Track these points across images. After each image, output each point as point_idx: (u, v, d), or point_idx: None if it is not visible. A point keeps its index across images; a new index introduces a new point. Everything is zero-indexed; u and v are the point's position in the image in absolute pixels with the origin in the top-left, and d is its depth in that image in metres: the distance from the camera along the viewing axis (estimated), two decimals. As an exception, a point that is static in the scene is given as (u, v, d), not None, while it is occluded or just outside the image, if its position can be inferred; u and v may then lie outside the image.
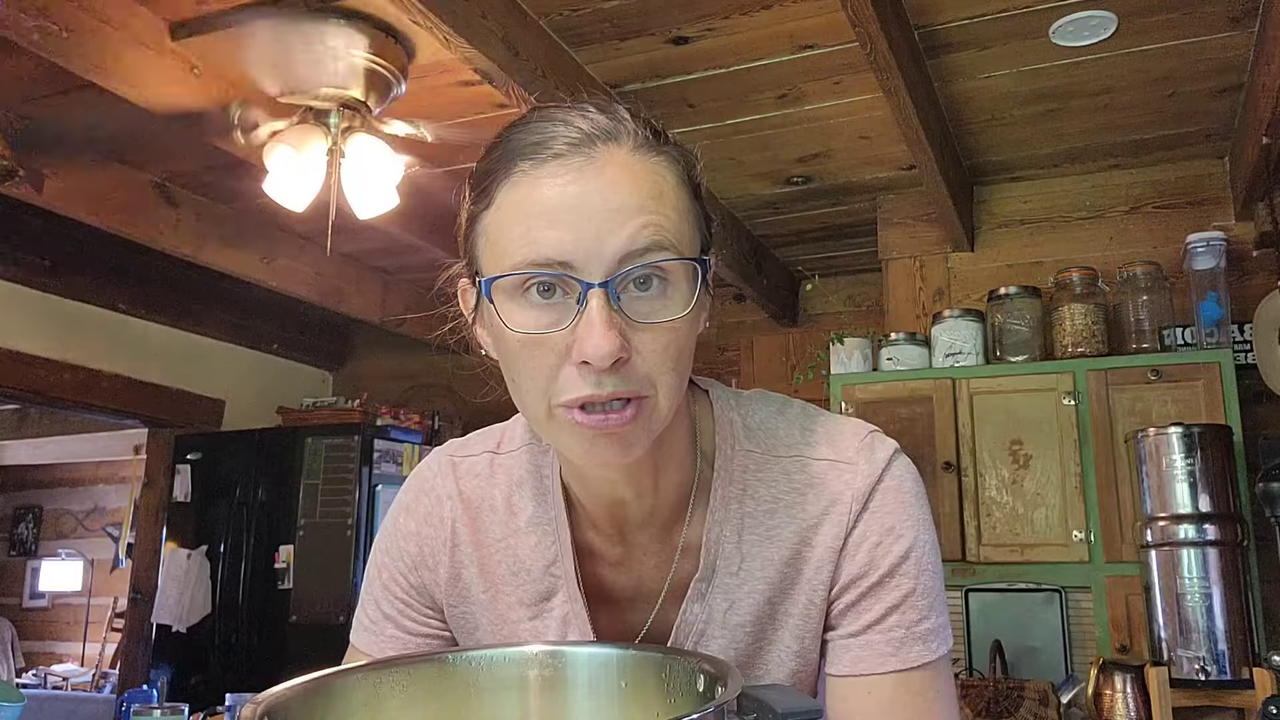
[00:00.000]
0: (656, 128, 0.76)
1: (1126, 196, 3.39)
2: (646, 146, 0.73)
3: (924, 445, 3.08)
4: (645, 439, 0.73)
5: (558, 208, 0.69)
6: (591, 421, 0.70)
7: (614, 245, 0.69)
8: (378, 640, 0.89)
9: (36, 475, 8.36)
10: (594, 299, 0.68)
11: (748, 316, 4.50)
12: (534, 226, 0.70)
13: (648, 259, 0.69)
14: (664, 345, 0.71)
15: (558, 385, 0.71)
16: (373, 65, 2.60)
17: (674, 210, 0.72)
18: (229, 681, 3.85)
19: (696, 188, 0.77)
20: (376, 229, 3.28)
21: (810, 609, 0.82)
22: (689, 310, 0.71)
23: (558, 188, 0.70)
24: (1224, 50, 2.63)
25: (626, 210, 0.70)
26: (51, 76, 2.74)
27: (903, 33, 2.40)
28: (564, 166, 0.70)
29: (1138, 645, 2.75)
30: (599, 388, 0.69)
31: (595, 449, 0.72)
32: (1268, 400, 3.03)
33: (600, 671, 0.76)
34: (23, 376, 3.97)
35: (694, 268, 0.72)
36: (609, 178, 0.70)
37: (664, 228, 0.70)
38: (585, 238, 0.69)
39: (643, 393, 0.71)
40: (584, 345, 0.68)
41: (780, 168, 3.38)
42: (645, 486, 0.81)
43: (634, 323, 0.70)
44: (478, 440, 0.92)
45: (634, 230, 0.69)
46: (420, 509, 0.90)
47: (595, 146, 0.71)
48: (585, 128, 0.72)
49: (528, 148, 0.72)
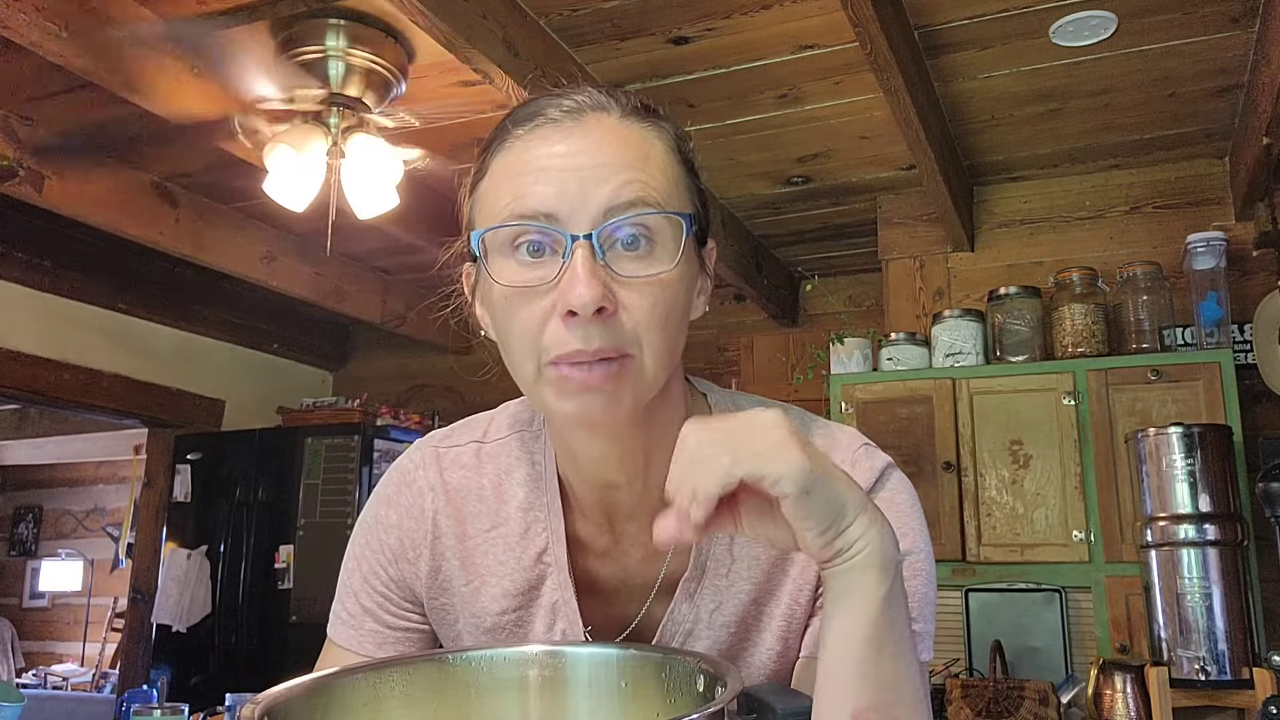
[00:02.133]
0: (649, 105, 0.78)
1: (1126, 196, 3.39)
2: (636, 115, 0.76)
3: (924, 445, 3.08)
4: (631, 398, 0.73)
5: (546, 165, 0.72)
6: (577, 375, 0.71)
7: (598, 198, 0.71)
8: (357, 635, 0.88)
9: (36, 475, 8.36)
10: (579, 250, 0.70)
11: (748, 316, 4.49)
12: (522, 184, 0.72)
13: (632, 213, 0.71)
14: (650, 303, 0.71)
15: (545, 342, 0.71)
16: (372, 65, 2.60)
17: (661, 173, 0.74)
18: (229, 681, 3.85)
19: (689, 162, 0.79)
20: (376, 229, 3.28)
21: (795, 608, 0.82)
22: (674, 266, 0.72)
23: (546, 147, 0.73)
24: (1224, 50, 2.63)
25: (612, 166, 0.72)
26: (52, 76, 2.74)
27: (903, 33, 2.40)
28: (555, 130, 0.74)
29: (1138, 645, 2.75)
30: (585, 342, 0.70)
31: (582, 404, 0.72)
32: (1268, 400, 3.04)
33: (600, 671, 0.76)
34: (23, 376, 3.97)
35: (680, 226, 0.73)
36: (595, 138, 0.73)
37: (649, 185, 0.72)
38: (570, 191, 0.71)
39: (628, 350, 0.71)
40: (568, 294, 0.69)
41: (780, 168, 3.38)
42: (636, 470, 0.81)
43: (619, 277, 0.71)
44: (462, 430, 0.92)
45: (618, 185, 0.71)
46: (401, 501, 0.89)
47: (585, 114, 0.75)
48: (578, 99, 0.75)
49: (521, 118, 0.76)
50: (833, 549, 0.66)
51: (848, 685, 0.67)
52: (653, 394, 0.75)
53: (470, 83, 2.66)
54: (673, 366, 0.77)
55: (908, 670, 0.69)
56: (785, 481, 0.63)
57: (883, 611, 0.68)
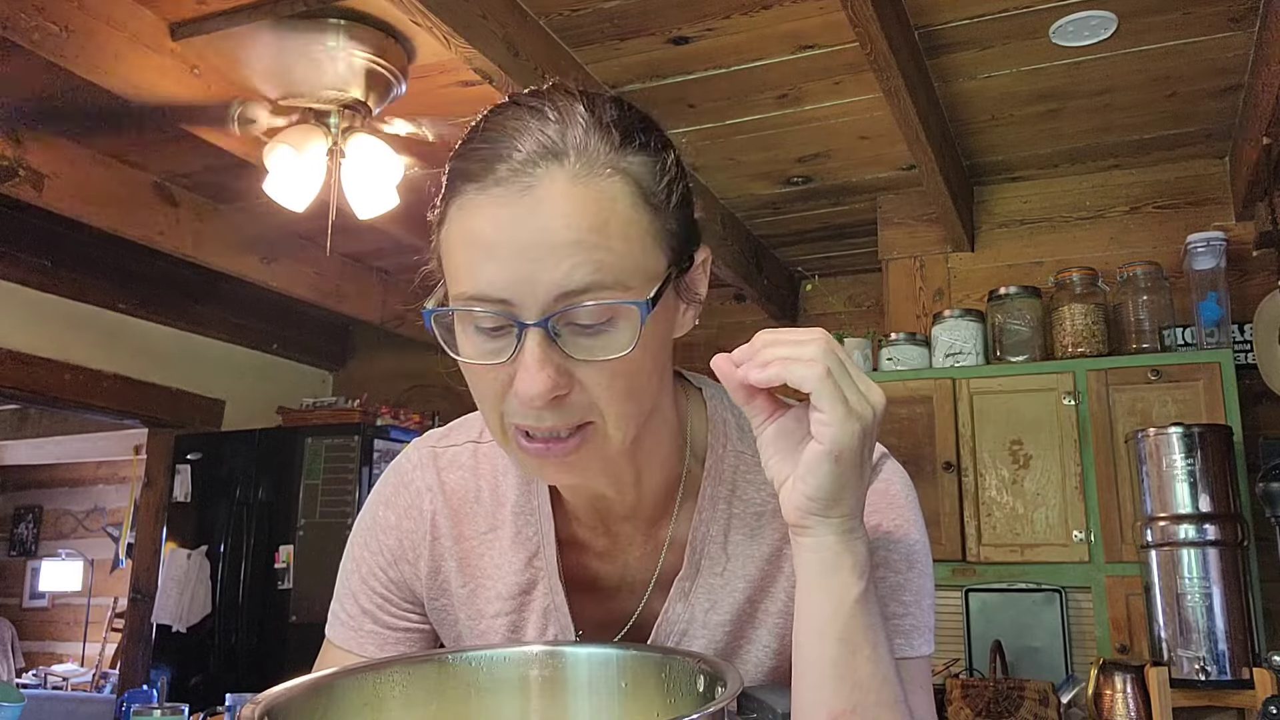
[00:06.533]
0: (626, 126, 0.71)
1: (1126, 196, 3.39)
2: (595, 166, 0.68)
3: (924, 445, 3.08)
4: (597, 464, 0.73)
5: (495, 241, 0.67)
6: (534, 448, 0.71)
7: (549, 284, 0.66)
8: (356, 636, 0.88)
9: (36, 475, 8.36)
10: (529, 339, 0.67)
11: (748, 316, 4.49)
12: (474, 258, 0.68)
13: (586, 299, 0.66)
14: (608, 380, 0.69)
15: (507, 408, 0.71)
16: (373, 65, 2.60)
17: (620, 240, 0.68)
18: (229, 681, 3.86)
19: (662, 198, 0.71)
20: (376, 229, 3.29)
21: (791, 606, 0.81)
22: (632, 348, 0.68)
23: (495, 219, 0.67)
24: (1224, 50, 2.63)
25: (563, 247, 0.66)
26: (52, 76, 2.74)
27: (903, 33, 2.40)
28: (505, 194, 0.67)
29: (1138, 645, 2.75)
30: (538, 421, 0.69)
31: (545, 473, 0.74)
32: (1268, 400, 3.03)
33: (600, 671, 0.76)
34: (23, 376, 3.97)
35: (638, 314, 0.68)
36: (547, 209, 0.66)
37: (604, 263, 0.67)
38: (520, 276, 0.66)
39: (588, 419, 0.70)
40: (518, 384, 0.68)
41: (780, 168, 3.38)
42: (626, 484, 0.80)
43: (574, 360, 0.68)
44: (459, 430, 0.91)
45: (569, 268, 0.66)
46: (400, 502, 0.89)
47: (536, 170, 0.67)
48: (530, 147, 0.68)
49: (475, 167, 0.69)
50: (809, 517, 0.68)
51: (822, 687, 0.68)
52: (625, 449, 0.74)
53: (470, 83, 2.66)
54: (647, 415, 0.75)
55: (885, 673, 0.68)
56: (837, 428, 0.66)
57: (857, 612, 0.68)
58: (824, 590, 0.69)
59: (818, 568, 0.69)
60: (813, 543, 0.69)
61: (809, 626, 0.69)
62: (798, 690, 0.69)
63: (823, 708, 0.67)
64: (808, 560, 0.69)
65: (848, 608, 0.68)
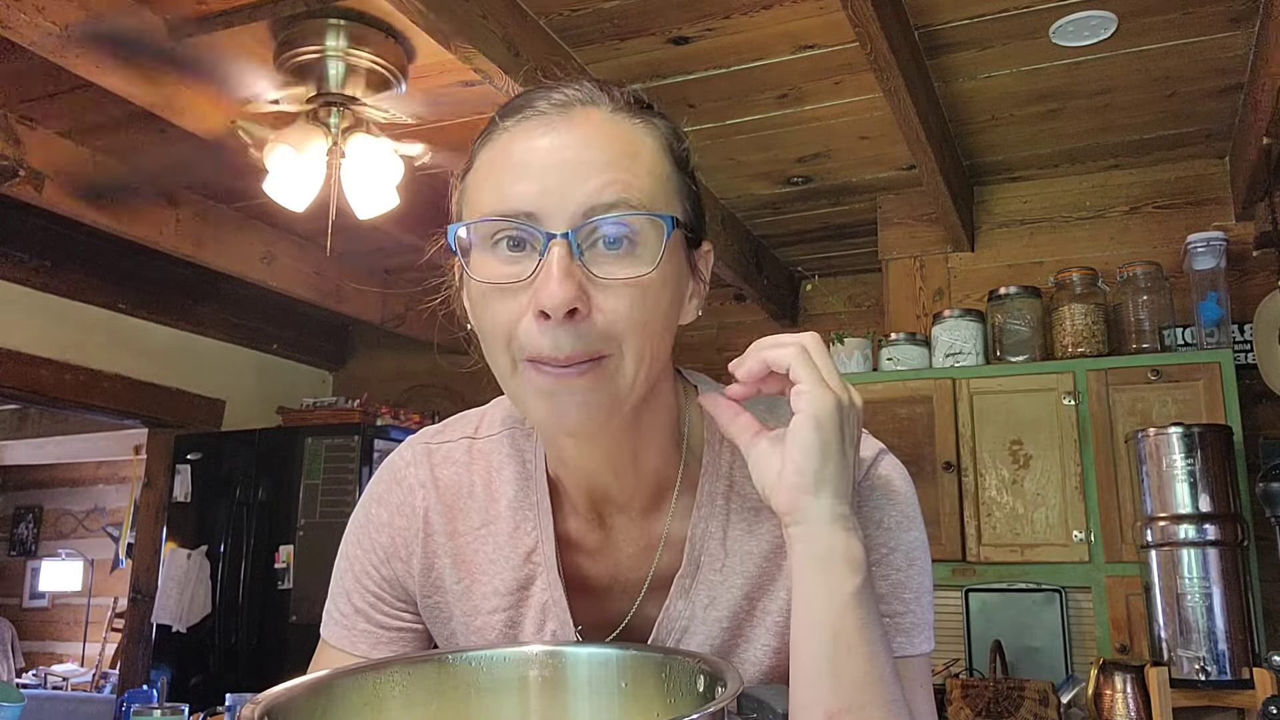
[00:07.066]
0: (644, 100, 0.76)
1: (1126, 196, 3.39)
2: (628, 110, 0.74)
3: (924, 445, 3.08)
4: (609, 403, 0.71)
5: (528, 161, 0.71)
6: (546, 377, 0.70)
7: (579, 197, 0.69)
8: (349, 635, 0.88)
9: (36, 475, 8.36)
10: (555, 248, 0.68)
11: (748, 316, 4.49)
12: (504, 180, 0.71)
13: (612, 214, 0.69)
14: (628, 305, 0.69)
15: (519, 339, 0.70)
16: (373, 65, 2.60)
17: (648, 173, 0.72)
18: (229, 681, 3.86)
19: (682, 162, 0.76)
20: (376, 229, 3.28)
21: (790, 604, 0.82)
22: (655, 268, 0.70)
23: (530, 141, 0.71)
24: (1224, 50, 2.63)
25: (596, 164, 0.70)
26: (51, 77, 2.74)
27: (903, 33, 2.40)
28: (541, 123, 0.72)
29: (1138, 645, 2.75)
30: (556, 348, 0.68)
31: (556, 407, 0.71)
32: (1268, 400, 3.03)
33: (600, 671, 0.76)
34: (23, 376, 3.97)
35: (662, 228, 0.70)
36: (582, 133, 0.71)
37: (633, 185, 0.70)
38: (551, 189, 0.69)
39: (603, 351, 0.70)
40: (540, 293, 0.68)
41: (780, 168, 3.38)
42: (624, 467, 0.80)
43: (597, 278, 0.69)
44: (454, 426, 0.91)
45: (601, 183, 0.69)
46: (393, 499, 0.88)
47: (574, 108, 0.72)
48: (568, 92, 0.74)
49: (510, 110, 0.74)
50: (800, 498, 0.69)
51: (819, 685, 0.67)
52: (634, 399, 0.73)
53: (470, 83, 2.66)
54: (657, 371, 0.75)
55: (882, 672, 0.68)
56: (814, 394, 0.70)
57: (852, 608, 0.68)
58: (817, 585, 0.69)
59: (810, 560, 0.69)
60: (803, 531, 0.69)
61: (804, 622, 0.69)
62: (795, 688, 0.69)
63: (819, 706, 0.67)
64: (800, 553, 0.70)
65: (841, 603, 0.68)
